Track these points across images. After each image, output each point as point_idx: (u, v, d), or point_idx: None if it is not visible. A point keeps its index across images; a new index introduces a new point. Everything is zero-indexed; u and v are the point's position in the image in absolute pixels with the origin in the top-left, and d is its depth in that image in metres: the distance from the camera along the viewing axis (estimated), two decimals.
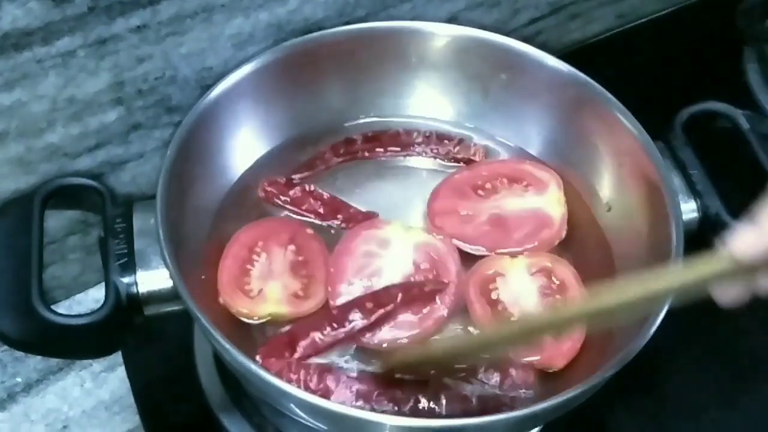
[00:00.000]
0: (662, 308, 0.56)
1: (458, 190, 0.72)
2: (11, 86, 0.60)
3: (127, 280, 0.59)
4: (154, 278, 0.60)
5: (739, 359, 0.73)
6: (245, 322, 0.63)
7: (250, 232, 0.67)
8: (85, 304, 0.74)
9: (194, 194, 0.66)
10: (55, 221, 0.69)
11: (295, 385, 0.58)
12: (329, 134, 0.75)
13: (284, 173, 0.72)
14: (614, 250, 0.69)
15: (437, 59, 0.75)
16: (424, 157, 0.75)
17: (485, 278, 0.66)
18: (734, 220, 0.65)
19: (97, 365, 0.72)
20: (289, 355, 0.61)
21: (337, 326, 0.62)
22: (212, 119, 0.68)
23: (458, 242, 0.68)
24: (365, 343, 0.63)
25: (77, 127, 0.65)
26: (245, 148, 0.72)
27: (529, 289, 0.66)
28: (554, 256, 0.68)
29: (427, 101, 0.77)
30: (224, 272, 0.64)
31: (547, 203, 0.70)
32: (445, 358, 0.61)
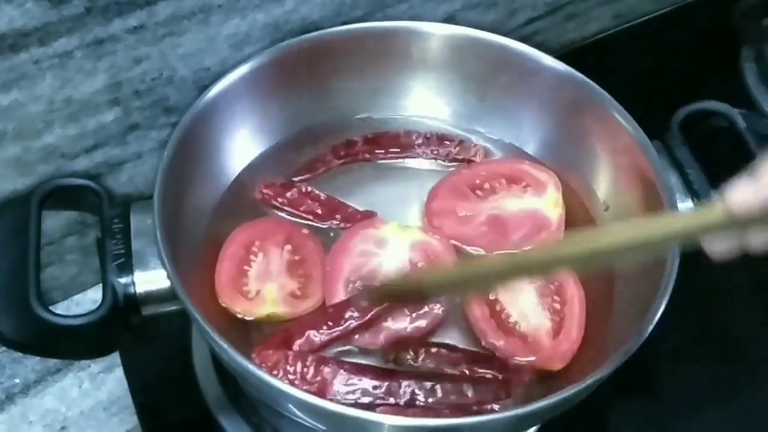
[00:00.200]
0: (657, 308, 0.57)
1: (456, 190, 0.71)
2: (8, 87, 0.60)
3: (124, 280, 0.59)
4: (151, 278, 0.60)
5: (737, 359, 0.73)
6: (242, 322, 0.63)
7: (246, 232, 0.67)
8: (83, 304, 0.74)
9: (192, 194, 0.66)
10: (52, 222, 0.69)
11: (291, 377, 0.58)
12: (326, 134, 0.75)
13: (282, 173, 0.72)
14: None
15: (434, 59, 0.75)
16: (424, 158, 0.75)
17: None
18: None
19: (95, 366, 0.72)
20: (286, 350, 0.60)
21: (332, 325, 0.62)
22: (209, 119, 0.68)
23: (456, 243, 0.68)
24: (360, 342, 0.63)
25: (74, 127, 0.65)
26: (243, 148, 0.72)
27: (527, 289, 0.65)
28: None
29: (424, 101, 0.77)
30: (222, 274, 0.64)
31: (545, 205, 0.70)
32: (433, 288, 0.59)
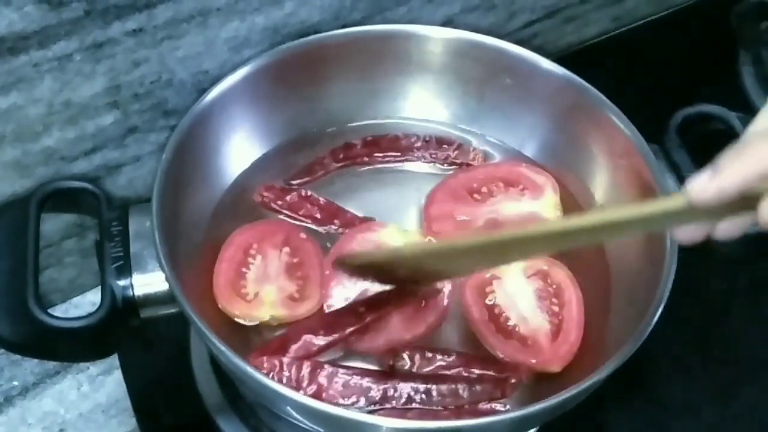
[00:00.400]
0: (655, 311, 0.57)
1: (454, 194, 0.71)
2: (8, 90, 0.60)
3: (123, 282, 0.59)
4: (149, 281, 0.60)
5: (735, 360, 0.73)
6: (241, 324, 0.63)
7: (244, 234, 0.67)
8: (82, 307, 0.74)
9: (190, 197, 0.66)
10: (51, 225, 0.69)
11: (286, 383, 0.58)
12: (325, 137, 0.75)
13: (280, 176, 0.72)
14: (609, 252, 0.69)
15: (433, 62, 0.76)
16: (422, 161, 0.75)
17: (481, 281, 0.66)
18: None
19: (93, 368, 0.72)
20: (282, 356, 0.60)
21: (329, 330, 0.62)
22: (208, 122, 0.68)
23: None
24: (357, 347, 0.63)
25: (73, 130, 0.65)
26: (241, 151, 0.72)
27: (525, 291, 0.66)
28: (550, 258, 0.68)
29: (422, 104, 0.78)
30: (220, 276, 0.64)
31: (543, 208, 0.70)
32: (414, 261, 0.59)
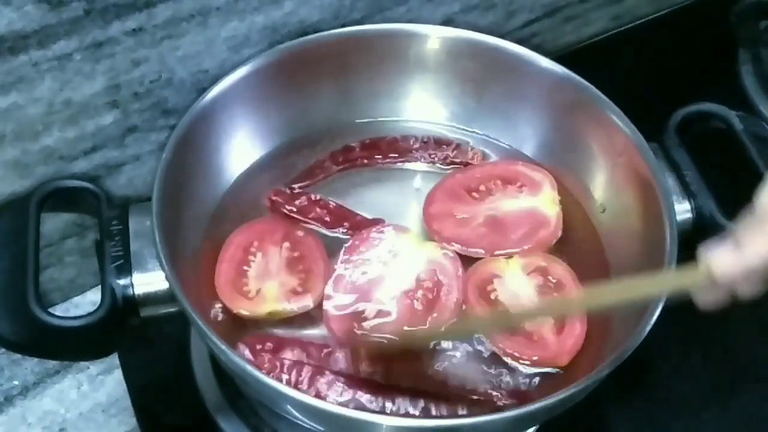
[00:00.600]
0: (655, 309, 0.57)
1: (453, 193, 0.72)
2: (7, 89, 0.60)
3: (123, 282, 0.59)
4: (150, 280, 0.60)
5: (734, 358, 0.73)
6: (241, 323, 0.63)
7: (244, 233, 0.67)
8: (82, 306, 0.74)
9: (190, 196, 0.66)
10: (51, 224, 0.69)
11: (285, 384, 0.58)
12: (325, 136, 0.75)
13: (280, 176, 0.72)
14: (608, 250, 0.69)
15: (432, 62, 0.76)
16: (422, 162, 0.75)
17: (483, 280, 0.66)
18: (728, 220, 0.66)
19: (93, 368, 0.72)
20: (272, 355, 0.61)
21: (317, 358, 0.62)
22: (208, 122, 0.68)
23: (456, 245, 0.68)
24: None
25: (73, 130, 0.65)
26: (241, 150, 0.72)
27: (526, 288, 0.66)
28: (549, 255, 0.68)
29: (422, 103, 0.78)
30: (221, 276, 0.64)
31: (542, 203, 0.70)
32: (426, 342, 0.63)
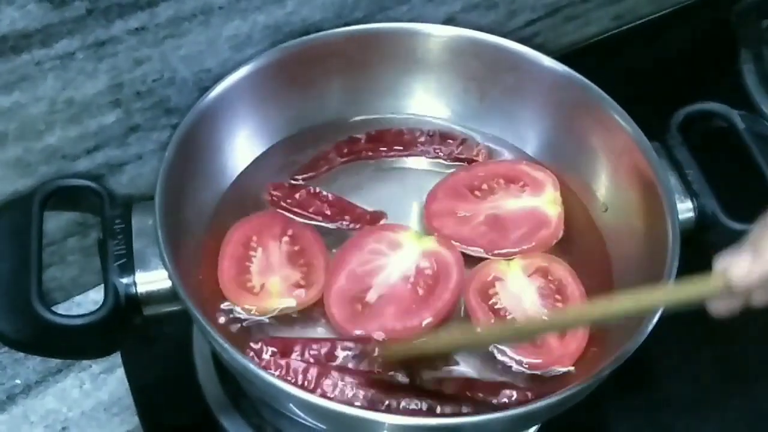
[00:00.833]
0: (656, 310, 0.57)
1: (455, 191, 0.72)
2: (10, 88, 0.60)
3: (126, 280, 0.59)
4: (152, 279, 0.60)
5: (735, 358, 0.74)
6: (243, 321, 0.63)
7: (242, 229, 0.67)
8: (84, 305, 0.74)
9: (193, 195, 0.66)
10: (53, 223, 0.69)
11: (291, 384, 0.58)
12: (327, 135, 0.75)
13: (283, 174, 0.72)
14: (611, 250, 0.69)
15: (435, 61, 0.76)
16: (426, 157, 0.75)
17: (484, 284, 0.66)
18: (730, 219, 0.66)
19: (96, 367, 0.72)
20: (280, 357, 0.61)
21: (326, 354, 0.62)
22: (210, 121, 0.68)
23: (456, 243, 0.68)
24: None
25: (76, 129, 0.65)
26: (243, 149, 0.72)
27: (528, 290, 0.66)
28: (549, 255, 0.68)
29: (424, 102, 0.78)
30: (224, 273, 0.64)
31: (543, 203, 0.70)
32: (439, 351, 0.62)
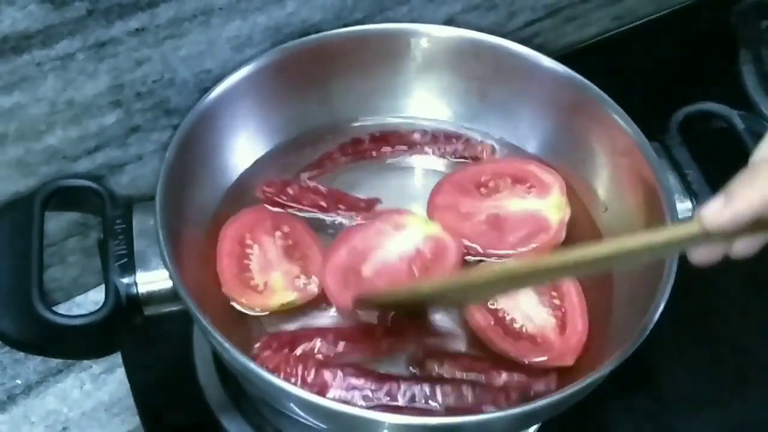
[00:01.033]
0: (657, 308, 0.57)
1: (461, 186, 0.72)
2: (10, 89, 0.60)
3: (126, 280, 0.59)
4: (153, 279, 0.60)
5: (736, 358, 0.73)
6: (244, 320, 0.63)
7: (234, 226, 0.67)
8: (84, 306, 0.74)
9: (193, 195, 0.66)
10: (53, 224, 0.69)
11: (292, 379, 0.59)
12: (327, 136, 0.75)
13: (283, 175, 0.72)
14: None
15: (435, 61, 0.76)
16: (430, 156, 0.75)
17: None
18: None
19: (96, 367, 0.72)
20: (288, 351, 0.61)
21: (340, 344, 0.62)
22: (211, 121, 0.68)
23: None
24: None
25: (76, 129, 0.65)
26: (244, 149, 0.72)
27: (526, 290, 0.65)
28: (541, 255, 0.67)
29: (424, 102, 0.78)
30: (225, 272, 0.64)
31: (547, 207, 0.70)
32: (428, 298, 0.62)
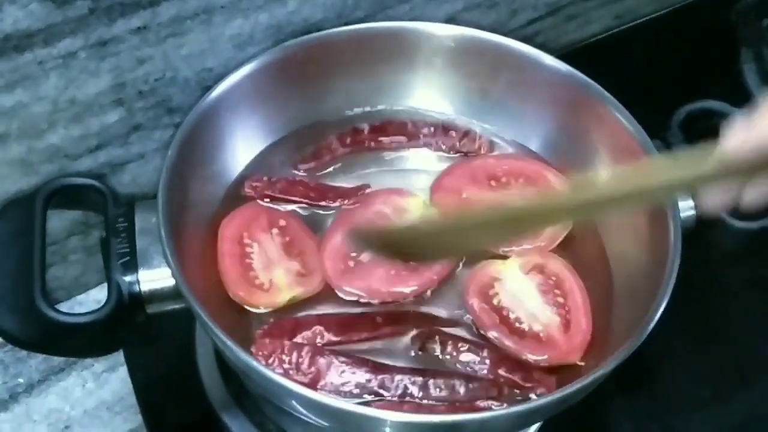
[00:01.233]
0: (658, 307, 0.57)
1: (473, 174, 0.72)
2: (12, 87, 0.60)
3: (129, 278, 0.59)
4: (156, 277, 0.60)
5: (737, 357, 0.74)
6: (247, 318, 0.63)
7: (230, 225, 0.67)
8: (86, 304, 0.74)
9: (195, 193, 0.66)
10: (56, 222, 0.69)
11: (286, 366, 0.59)
12: (328, 134, 0.75)
13: (284, 172, 0.72)
14: (611, 247, 0.69)
15: (436, 59, 0.76)
16: (428, 149, 0.75)
17: (483, 286, 0.66)
18: (731, 217, 0.66)
19: (98, 365, 0.72)
20: (288, 338, 0.61)
21: (341, 331, 0.62)
22: (212, 120, 0.68)
23: None
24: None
25: (78, 128, 0.65)
26: (245, 147, 0.72)
27: (527, 288, 0.66)
28: (544, 252, 0.68)
29: (426, 101, 0.78)
30: (229, 273, 0.64)
31: None
32: (430, 236, 0.57)
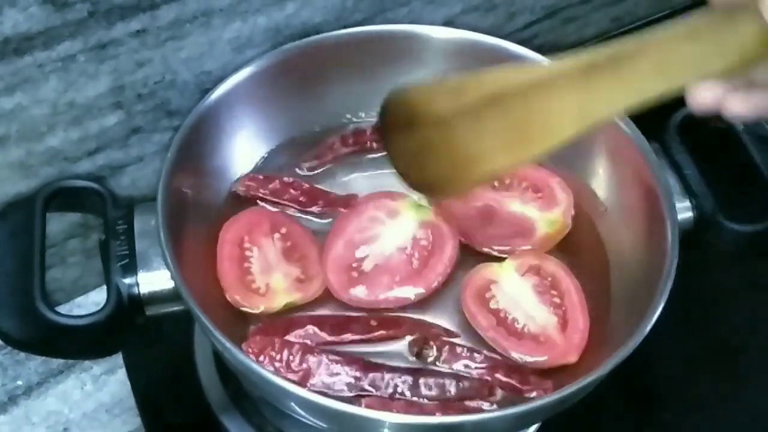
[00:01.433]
0: (656, 307, 0.57)
1: None
2: (12, 90, 0.60)
3: (128, 280, 0.60)
4: (155, 279, 0.60)
5: (737, 358, 0.74)
6: (246, 320, 0.64)
7: (232, 228, 0.67)
8: (85, 307, 0.74)
9: (194, 196, 0.66)
10: (54, 225, 0.69)
11: (277, 364, 0.59)
12: (327, 137, 0.75)
13: (283, 174, 0.72)
14: (609, 250, 0.69)
15: (434, 62, 0.75)
16: None
17: (480, 288, 0.66)
18: (729, 219, 0.66)
19: (97, 368, 0.72)
20: (279, 337, 0.61)
21: (334, 331, 0.62)
22: (211, 122, 0.68)
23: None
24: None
25: (77, 131, 0.65)
26: (244, 150, 0.72)
27: (524, 289, 0.66)
28: (539, 253, 0.68)
29: None
30: (226, 276, 0.64)
31: (541, 219, 0.69)
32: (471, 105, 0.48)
